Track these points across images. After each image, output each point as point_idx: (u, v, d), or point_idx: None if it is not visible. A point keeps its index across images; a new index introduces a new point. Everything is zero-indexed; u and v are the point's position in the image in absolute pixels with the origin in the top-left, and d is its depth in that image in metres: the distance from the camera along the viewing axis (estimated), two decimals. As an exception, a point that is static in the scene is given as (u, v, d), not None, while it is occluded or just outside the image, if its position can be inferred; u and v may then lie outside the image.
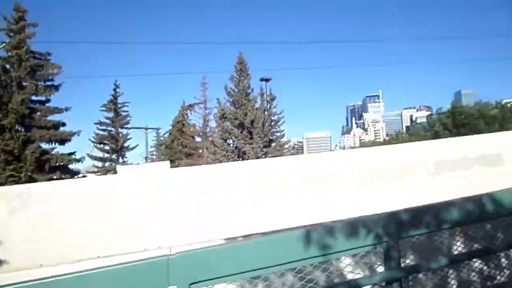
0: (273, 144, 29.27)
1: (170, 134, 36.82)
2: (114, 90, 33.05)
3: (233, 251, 1.97)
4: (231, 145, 27.95)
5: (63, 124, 24.67)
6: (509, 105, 42.93)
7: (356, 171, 6.26)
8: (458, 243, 2.62)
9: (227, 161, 24.09)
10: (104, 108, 32.88)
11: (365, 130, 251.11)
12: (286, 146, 30.86)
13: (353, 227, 2.10)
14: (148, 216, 4.64)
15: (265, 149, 27.36)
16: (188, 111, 36.29)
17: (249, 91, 28.43)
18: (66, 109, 24.79)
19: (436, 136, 36.01)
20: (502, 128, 37.23)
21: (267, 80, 29.46)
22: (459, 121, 39.21)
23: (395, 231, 2.17)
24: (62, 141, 24.14)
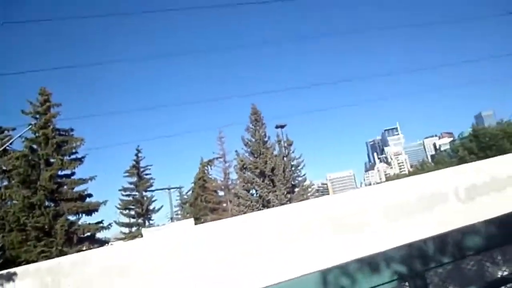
0: (296, 189, 28.96)
1: (192, 191, 37.03)
2: (136, 155, 33.95)
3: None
4: (255, 195, 27.80)
5: (89, 195, 25.26)
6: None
7: (382, 206, 6.11)
8: (490, 269, 2.48)
9: (252, 212, 23.85)
10: (127, 174, 33.62)
11: (389, 164, 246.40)
12: (309, 189, 30.45)
13: (371, 263, 2.00)
14: (173, 276, 4.59)
15: (289, 195, 27.06)
16: (209, 166, 36.73)
17: (266, 139, 28.80)
18: (91, 179, 25.48)
19: (461, 161, 34.87)
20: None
21: (282, 126, 29.89)
22: (483, 143, 38.10)
23: (419, 262, 2.07)
24: (89, 212, 24.59)
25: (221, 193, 34.92)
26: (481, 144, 38.63)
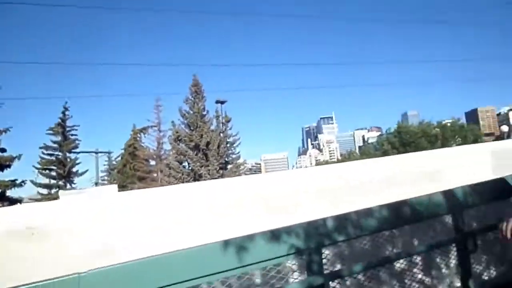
0: (229, 166, 29.13)
1: (122, 158, 35.46)
2: (63, 112, 31.43)
3: (153, 264, 1.85)
4: (187, 167, 27.44)
5: (2, 150, 22.93)
6: (449, 124, 46.27)
7: (314, 189, 6.30)
8: (380, 247, 2.76)
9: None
10: (51, 132, 31.08)
11: (320, 150, 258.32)
12: (242, 167, 30.84)
13: (275, 236, 2.14)
14: (97, 240, 4.32)
15: (221, 171, 27.15)
16: (141, 134, 35.33)
17: (204, 113, 28.34)
18: (5, 131, 23.10)
19: (384, 154, 37.72)
20: (443, 145, 39.91)
21: (222, 102, 29.59)
22: (405, 140, 41.57)
23: (317, 239, 2.27)
24: (1, 167, 22.37)
25: (152, 162, 33.94)
26: (403, 140, 42.07)
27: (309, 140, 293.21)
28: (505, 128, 58.75)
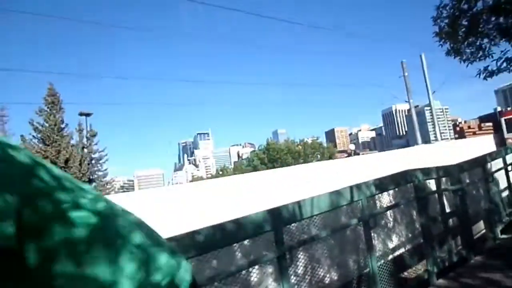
0: (93, 184, 26.66)
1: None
2: None
3: None
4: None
5: None
6: (309, 142, 51.69)
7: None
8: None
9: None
10: None
11: (197, 166, 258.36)
12: (108, 186, 28.61)
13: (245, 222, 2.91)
14: None
15: (83, 191, 24.56)
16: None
17: (63, 126, 25.40)
18: None
19: (254, 169, 39.90)
20: (304, 161, 44.29)
21: (87, 114, 27.04)
22: (273, 156, 44.82)
23: (278, 221, 3.11)
24: None
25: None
26: (271, 157, 45.24)
27: (185, 155, 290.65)
28: (352, 147, 69.13)
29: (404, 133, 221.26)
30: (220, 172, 60.48)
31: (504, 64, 5.87)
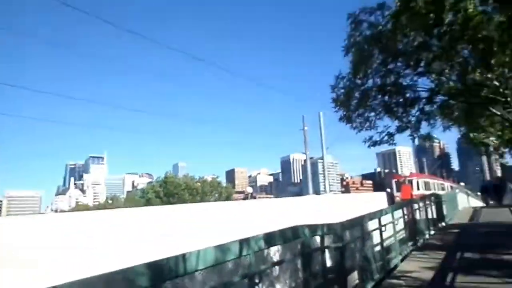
0: None
1: None
2: None
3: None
4: None
5: None
6: (209, 180, 51.56)
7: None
8: None
9: None
10: None
11: (84, 191, 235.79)
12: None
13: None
14: None
15: None
16: None
17: None
18: None
19: (148, 202, 37.90)
20: (202, 199, 43.74)
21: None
22: (169, 191, 43.30)
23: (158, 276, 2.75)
24: None
25: None
26: (167, 191, 43.62)
27: (72, 178, 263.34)
28: (249, 189, 70.95)
29: (299, 181, 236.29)
30: (110, 201, 55.87)
31: (386, 137, 6.77)
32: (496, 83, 7.09)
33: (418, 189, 25.65)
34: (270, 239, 4.14)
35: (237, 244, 3.65)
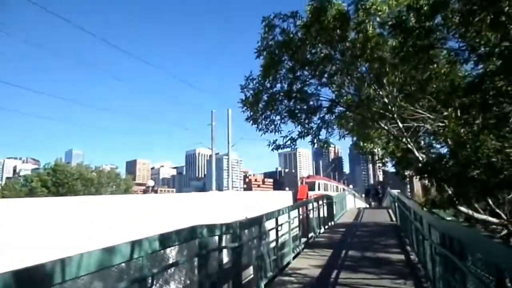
0: None
1: None
2: None
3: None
4: None
5: None
6: (107, 170, 48.08)
7: None
8: None
9: None
10: None
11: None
12: None
13: None
14: None
15: None
16: None
17: None
18: None
19: (31, 192, 33.77)
20: (97, 191, 40.55)
21: None
22: (59, 180, 39.05)
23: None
24: None
25: None
26: (57, 180, 39.31)
27: None
28: (151, 182, 68.22)
29: (203, 176, 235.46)
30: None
31: (289, 142, 7.11)
32: (386, 100, 7.95)
33: (319, 189, 28.87)
34: (165, 239, 3.95)
35: (128, 246, 3.38)
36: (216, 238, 5.14)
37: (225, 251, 5.47)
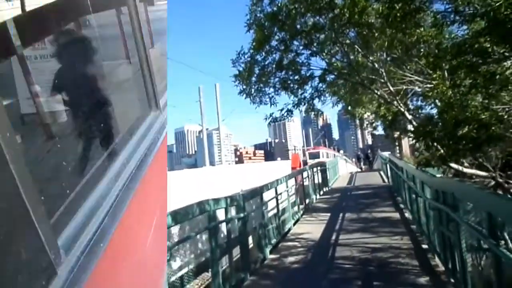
0: None
1: None
2: None
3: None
4: None
5: None
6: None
7: None
8: None
9: None
10: None
11: None
12: None
13: None
14: None
15: None
16: None
17: None
18: None
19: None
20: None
21: None
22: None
23: None
24: None
25: None
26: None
27: None
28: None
29: (194, 152, 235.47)
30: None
31: (285, 114, 7.25)
32: (376, 65, 8.08)
33: (322, 157, 35.47)
34: (178, 215, 4.13)
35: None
36: (223, 210, 5.36)
37: (231, 224, 5.71)
